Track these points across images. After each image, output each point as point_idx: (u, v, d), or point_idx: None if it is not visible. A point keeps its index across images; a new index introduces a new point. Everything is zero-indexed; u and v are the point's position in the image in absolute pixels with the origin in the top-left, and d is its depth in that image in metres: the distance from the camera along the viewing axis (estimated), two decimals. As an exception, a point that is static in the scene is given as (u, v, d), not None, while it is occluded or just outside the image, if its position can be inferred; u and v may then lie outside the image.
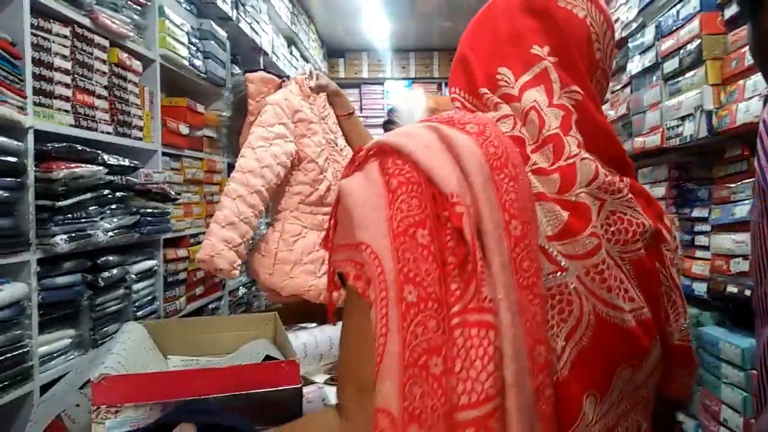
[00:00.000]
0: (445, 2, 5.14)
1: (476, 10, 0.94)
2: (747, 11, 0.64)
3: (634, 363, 0.57)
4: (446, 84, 6.49)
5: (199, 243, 2.91)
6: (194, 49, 2.79)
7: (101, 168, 1.89)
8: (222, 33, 3.11)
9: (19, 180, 1.58)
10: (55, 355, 1.78)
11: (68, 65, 1.83)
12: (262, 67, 4.02)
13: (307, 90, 1.76)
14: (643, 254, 0.59)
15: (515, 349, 0.50)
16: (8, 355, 1.54)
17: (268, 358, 0.96)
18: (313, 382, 1.32)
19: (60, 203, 1.70)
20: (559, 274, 0.55)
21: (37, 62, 1.70)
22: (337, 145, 1.85)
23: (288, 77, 1.82)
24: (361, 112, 6.16)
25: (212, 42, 2.96)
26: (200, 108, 2.89)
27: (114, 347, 0.99)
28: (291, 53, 4.92)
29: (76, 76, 1.87)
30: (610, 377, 0.56)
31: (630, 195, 0.59)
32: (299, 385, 0.89)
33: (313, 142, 1.75)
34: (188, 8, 2.83)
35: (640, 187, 0.63)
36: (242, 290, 3.63)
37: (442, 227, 0.51)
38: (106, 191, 1.94)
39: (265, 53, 4.04)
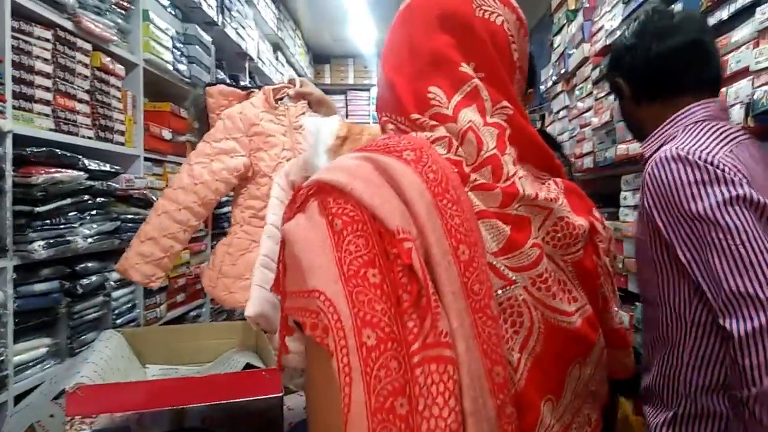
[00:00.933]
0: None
1: None
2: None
3: (581, 360, 0.60)
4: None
5: (185, 249, 2.89)
6: (179, 53, 2.77)
7: (81, 173, 1.86)
8: (207, 38, 3.09)
9: (-4, 185, 1.55)
10: (30, 364, 1.75)
11: (49, 69, 1.80)
12: (247, 73, 4.01)
13: (271, 101, 1.75)
14: (581, 255, 0.62)
15: (472, 376, 0.50)
16: (-18, 364, 1.51)
17: (248, 366, 0.95)
18: (294, 391, 1.31)
19: (38, 209, 1.67)
20: (508, 287, 0.56)
21: (17, 65, 1.67)
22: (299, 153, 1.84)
23: (258, 87, 1.81)
24: (347, 119, 6.16)
25: (197, 47, 2.95)
26: (183, 113, 2.87)
27: (90, 356, 0.97)
28: (277, 59, 4.91)
29: (57, 79, 1.84)
30: (563, 378, 0.59)
31: (564, 200, 0.62)
32: (280, 394, 0.88)
33: (268, 155, 1.73)
34: (173, 12, 2.81)
35: (571, 184, 0.66)
36: (225, 297, 3.59)
37: (392, 264, 0.51)
38: (86, 197, 1.91)
39: (251, 58, 4.02)
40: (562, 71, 2.90)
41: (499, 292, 0.56)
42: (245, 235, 1.69)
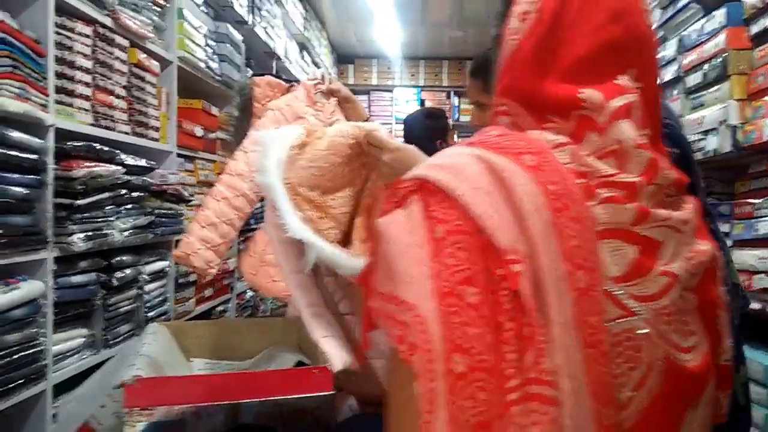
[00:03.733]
0: (455, 12, 5.16)
1: (486, 21, 0.88)
2: None
3: (694, 402, 0.54)
4: (455, 93, 6.50)
5: (210, 245, 2.91)
6: (210, 51, 2.79)
7: (119, 168, 1.88)
8: (238, 36, 3.12)
9: (38, 178, 1.57)
10: (68, 354, 1.77)
11: (89, 64, 1.83)
12: (275, 71, 4.03)
13: (313, 96, 1.75)
14: (704, 284, 0.55)
15: (575, 419, 0.46)
16: (23, 354, 1.53)
17: (300, 364, 0.95)
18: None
19: (78, 202, 1.69)
20: (626, 318, 0.50)
21: (59, 61, 1.69)
22: None
23: (297, 81, 1.81)
24: (370, 119, 6.15)
25: (228, 45, 2.97)
26: (215, 110, 2.89)
27: (141, 348, 0.98)
28: (302, 58, 4.93)
29: (96, 75, 1.87)
30: (680, 423, 0.52)
31: (694, 222, 0.55)
32: (331, 392, 0.87)
33: None
34: (206, 11, 2.83)
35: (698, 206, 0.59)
36: (249, 293, 3.61)
37: (495, 285, 0.46)
38: (123, 191, 1.94)
39: (278, 58, 4.04)
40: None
41: (614, 323, 0.49)
42: None
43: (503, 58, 0.60)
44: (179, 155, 2.52)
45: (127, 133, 2.05)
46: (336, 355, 1.08)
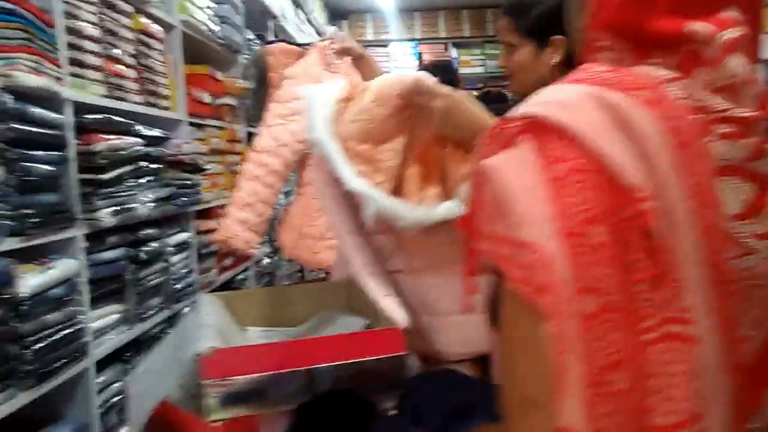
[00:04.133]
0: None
1: None
2: None
3: None
4: (453, 44, 6.35)
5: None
6: (211, 13, 2.69)
7: (138, 139, 1.84)
8: (236, -4, 3.00)
9: (62, 154, 1.53)
10: (105, 330, 1.77)
11: (97, 33, 1.76)
12: (273, 32, 3.91)
13: (327, 58, 1.69)
14: None
15: (711, 357, 0.46)
16: (65, 332, 1.52)
17: (368, 326, 0.94)
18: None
19: (103, 176, 1.66)
20: (746, 257, 0.49)
21: (69, 30, 1.63)
22: None
23: (309, 45, 1.74)
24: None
25: (227, 6, 2.86)
26: (220, 75, 2.82)
27: (205, 320, 0.96)
28: (297, 16, 4.78)
29: (105, 44, 1.80)
30: None
31: None
32: (402, 353, 0.87)
33: None
34: (202, -30, 2.72)
35: None
36: (266, 260, 3.61)
37: (625, 225, 0.45)
38: (143, 163, 1.90)
39: (275, 17, 3.91)
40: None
41: (736, 261, 0.48)
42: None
43: None
44: (190, 124, 2.47)
45: (140, 103, 1.99)
46: (399, 314, 1.07)
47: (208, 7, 2.65)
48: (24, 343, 1.38)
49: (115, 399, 1.79)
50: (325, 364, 0.82)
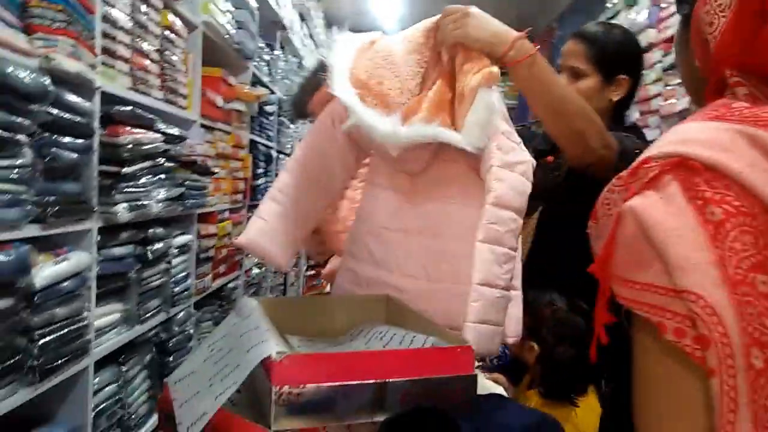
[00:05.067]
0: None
1: (483, 5, 0.87)
2: None
3: None
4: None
5: (226, 220, 2.83)
6: (231, 17, 2.67)
7: (159, 135, 1.79)
8: (254, 3, 2.99)
9: (87, 142, 1.48)
10: (106, 330, 1.70)
11: (130, 24, 1.72)
12: (280, 45, 3.90)
13: None
14: None
15: None
16: (71, 328, 1.45)
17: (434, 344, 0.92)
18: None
19: (125, 170, 1.60)
20: None
21: (104, 18, 1.59)
22: None
23: None
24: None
25: (245, 11, 2.85)
26: (232, 80, 2.78)
27: (261, 323, 0.93)
28: (301, 29, 4.80)
29: (134, 36, 1.76)
30: None
31: None
32: (474, 373, 0.85)
33: None
34: (224, -26, 2.70)
35: None
36: (255, 270, 3.55)
37: None
38: (162, 160, 1.85)
39: (284, 27, 3.92)
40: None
41: None
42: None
43: (726, 27, 0.57)
44: (201, 125, 2.42)
45: (161, 100, 1.95)
46: (247, 231, 1.08)
47: (229, 11, 2.63)
48: (32, 336, 1.31)
49: (108, 402, 1.71)
50: (397, 379, 0.80)
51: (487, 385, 1.14)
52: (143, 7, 1.81)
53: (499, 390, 1.08)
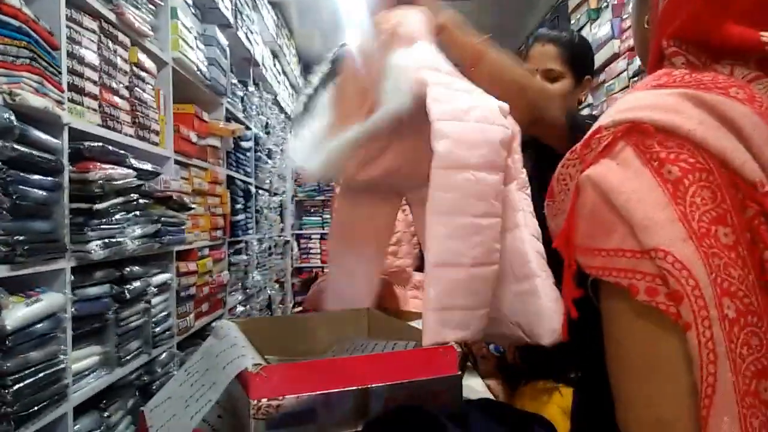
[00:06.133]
0: (424, 19, 5.21)
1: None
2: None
3: None
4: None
5: (206, 257, 2.78)
6: (201, 54, 2.70)
7: (131, 171, 1.77)
8: (224, 40, 3.02)
9: (56, 180, 1.45)
10: (85, 373, 1.64)
11: (97, 61, 1.72)
12: (253, 81, 3.93)
13: None
14: None
15: None
16: (47, 372, 1.40)
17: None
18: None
19: (97, 206, 1.57)
20: None
21: (70, 55, 1.58)
22: None
23: None
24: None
25: (216, 48, 2.87)
26: (206, 116, 2.79)
27: (237, 340, 0.90)
28: (274, 65, 4.85)
29: (102, 73, 1.76)
30: None
31: None
32: (459, 373, 0.83)
33: None
34: (194, 12, 2.74)
35: None
36: (239, 308, 3.49)
37: (750, 221, 0.44)
38: (135, 196, 1.82)
39: (257, 64, 3.96)
40: (585, 69, 2.94)
41: None
42: None
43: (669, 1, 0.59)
44: (176, 161, 2.41)
45: (131, 136, 1.93)
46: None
47: (199, 48, 2.65)
48: (5, 382, 1.26)
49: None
50: (379, 384, 0.77)
51: (479, 389, 1.12)
52: (110, 44, 1.81)
53: (489, 396, 1.05)
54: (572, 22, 3.14)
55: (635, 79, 2.39)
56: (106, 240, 1.64)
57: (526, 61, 1.40)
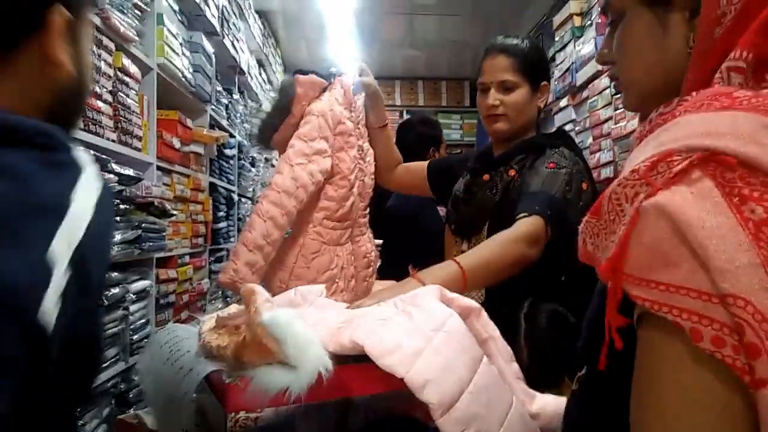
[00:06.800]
0: (409, 32, 5.25)
1: (441, 43, 0.87)
2: None
3: None
4: (407, 112, 6.57)
5: (187, 264, 2.75)
6: (187, 61, 2.68)
7: (112, 176, 1.75)
8: (210, 48, 3.02)
9: (35, 184, 1.43)
10: (58, 381, 1.60)
11: (80, 65, 1.70)
12: (238, 90, 3.92)
13: (350, 96, 1.63)
14: None
15: None
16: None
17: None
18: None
19: (76, 211, 1.55)
20: None
21: (53, 58, 1.56)
22: (363, 150, 1.74)
23: (333, 77, 1.66)
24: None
25: (201, 56, 2.86)
26: (189, 123, 2.77)
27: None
28: (260, 74, 4.85)
29: (85, 77, 1.74)
30: None
31: None
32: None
33: (348, 156, 1.59)
34: (180, 19, 2.73)
35: None
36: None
37: None
38: (116, 201, 1.80)
39: (242, 72, 3.95)
40: (569, 86, 2.98)
41: None
42: (317, 236, 1.58)
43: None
44: (158, 167, 2.38)
45: (114, 141, 1.91)
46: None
47: (185, 55, 2.64)
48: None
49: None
50: (360, 395, 0.77)
51: None
52: (94, 48, 1.80)
53: None
54: (556, 39, 3.19)
55: (617, 96, 2.43)
56: (85, 246, 1.61)
57: (479, 74, 1.40)
